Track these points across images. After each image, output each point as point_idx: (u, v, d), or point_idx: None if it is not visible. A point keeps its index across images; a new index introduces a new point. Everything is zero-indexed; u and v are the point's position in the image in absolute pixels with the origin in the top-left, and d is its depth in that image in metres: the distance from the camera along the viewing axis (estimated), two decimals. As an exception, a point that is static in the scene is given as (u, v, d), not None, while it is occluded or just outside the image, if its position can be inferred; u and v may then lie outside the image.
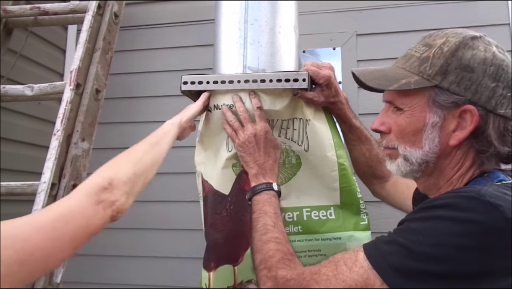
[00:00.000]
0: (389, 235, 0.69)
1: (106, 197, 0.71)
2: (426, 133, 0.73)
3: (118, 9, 1.61)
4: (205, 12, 1.90)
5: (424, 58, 0.74)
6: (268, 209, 0.92)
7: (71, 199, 0.70)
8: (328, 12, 1.83)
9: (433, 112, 0.72)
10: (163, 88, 1.94)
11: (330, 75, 1.02)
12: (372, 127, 0.84)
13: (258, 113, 1.01)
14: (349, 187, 1.09)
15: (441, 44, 0.73)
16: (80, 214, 0.67)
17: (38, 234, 0.61)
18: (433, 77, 0.72)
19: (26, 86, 1.43)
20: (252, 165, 0.99)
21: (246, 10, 1.09)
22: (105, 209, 0.70)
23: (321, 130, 1.09)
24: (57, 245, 0.63)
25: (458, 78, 0.70)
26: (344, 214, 1.10)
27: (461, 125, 0.71)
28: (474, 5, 1.68)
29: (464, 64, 0.70)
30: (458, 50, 0.71)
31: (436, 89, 0.72)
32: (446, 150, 0.73)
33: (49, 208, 0.67)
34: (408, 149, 0.76)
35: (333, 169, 1.08)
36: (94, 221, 0.68)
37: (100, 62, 1.46)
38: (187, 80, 1.08)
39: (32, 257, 0.60)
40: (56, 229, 0.63)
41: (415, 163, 0.75)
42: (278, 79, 1.01)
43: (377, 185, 1.17)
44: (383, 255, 0.66)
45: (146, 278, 1.83)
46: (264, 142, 1.00)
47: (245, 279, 1.07)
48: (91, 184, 0.72)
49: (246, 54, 1.07)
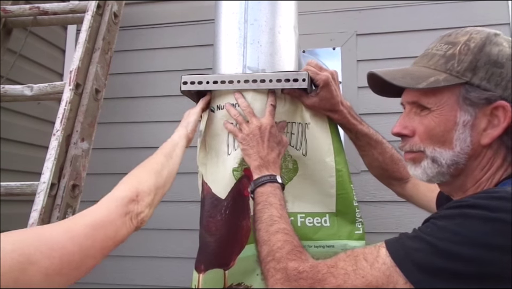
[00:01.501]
0: (413, 232, 0.65)
1: (134, 209, 0.74)
2: (457, 133, 0.70)
3: (117, 9, 1.61)
4: (204, 12, 1.90)
5: (450, 56, 0.71)
6: (273, 200, 0.89)
7: (101, 208, 0.71)
8: (328, 12, 1.83)
9: (464, 110, 0.69)
10: (163, 88, 1.94)
11: (328, 77, 1.01)
12: (393, 131, 0.79)
13: (270, 109, 1.02)
14: (346, 195, 1.07)
15: (466, 41, 0.71)
16: (110, 224, 0.69)
17: (73, 243, 0.62)
18: (463, 74, 0.69)
19: (26, 86, 1.42)
20: (255, 157, 0.98)
21: (245, 10, 1.08)
22: (132, 220, 0.74)
23: (321, 134, 1.08)
24: (90, 254, 0.64)
25: (488, 73, 0.68)
26: (339, 222, 1.09)
27: (492, 123, 0.69)
28: (474, 4, 1.68)
29: (493, 59, 0.68)
30: (485, 46, 0.69)
31: (466, 86, 0.69)
32: (477, 150, 0.70)
33: (81, 216, 0.68)
34: (437, 149, 0.72)
35: (330, 175, 1.07)
36: (121, 231, 0.71)
37: (100, 62, 1.46)
38: (187, 80, 1.08)
39: (68, 266, 0.60)
40: (89, 238, 0.64)
41: (444, 164, 0.72)
42: (278, 79, 1.01)
43: (397, 186, 1.14)
44: (407, 252, 0.62)
45: (146, 278, 1.83)
46: (268, 135, 0.99)
47: (234, 283, 1.06)
48: (121, 196, 0.74)
49: (246, 54, 1.07)
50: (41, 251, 0.57)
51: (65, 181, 1.25)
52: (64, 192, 1.24)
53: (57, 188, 1.24)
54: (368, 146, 1.11)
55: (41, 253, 0.57)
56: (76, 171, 1.29)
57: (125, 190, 0.76)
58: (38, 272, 0.56)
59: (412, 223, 1.72)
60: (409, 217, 1.63)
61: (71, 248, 0.61)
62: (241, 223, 1.05)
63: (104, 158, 1.91)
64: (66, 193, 1.24)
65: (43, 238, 0.60)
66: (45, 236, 0.60)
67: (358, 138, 1.10)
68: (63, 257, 0.60)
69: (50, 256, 0.58)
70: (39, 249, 0.57)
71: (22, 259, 0.55)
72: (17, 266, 0.54)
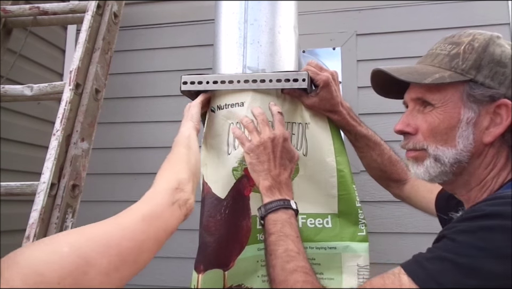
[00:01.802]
0: (430, 252, 0.61)
1: (180, 197, 0.73)
2: (460, 130, 0.70)
3: (117, 9, 1.61)
4: (204, 12, 1.90)
5: (454, 55, 0.72)
6: (288, 232, 0.81)
7: (148, 202, 0.70)
8: (327, 12, 1.83)
9: (467, 108, 0.70)
10: (163, 88, 1.94)
11: (328, 78, 1.01)
12: (395, 128, 0.78)
13: (279, 118, 0.94)
14: (348, 195, 1.07)
15: (470, 41, 0.72)
16: (160, 216, 0.68)
17: (128, 239, 0.61)
18: (468, 71, 0.70)
19: (26, 86, 1.42)
20: (265, 176, 0.89)
21: (245, 10, 1.08)
22: (181, 208, 0.73)
23: (322, 134, 1.07)
24: (145, 248, 0.64)
25: (492, 72, 0.69)
26: (342, 223, 1.08)
27: (495, 121, 0.69)
28: (474, 4, 1.68)
29: (497, 59, 0.70)
30: (489, 46, 0.71)
31: (470, 84, 0.70)
32: (480, 148, 0.70)
33: (130, 211, 0.67)
34: (440, 148, 0.72)
35: (331, 175, 1.06)
36: (172, 221, 0.70)
37: (100, 62, 1.46)
38: (187, 80, 1.08)
39: (126, 263, 0.60)
40: (143, 232, 0.64)
41: (447, 163, 0.71)
42: (277, 79, 1.01)
43: (394, 188, 1.14)
44: (432, 276, 0.57)
45: (145, 277, 1.83)
46: (281, 150, 0.90)
47: (234, 284, 1.06)
48: (164, 187, 0.73)
49: (246, 54, 1.06)
50: (98, 252, 0.57)
51: (65, 181, 1.25)
52: (64, 192, 1.24)
53: (57, 188, 1.24)
54: (367, 147, 1.10)
55: (98, 253, 0.56)
56: (75, 171, 1.29)
57: (166, 182, 0.75)
58: (98, 273, 0.56)
59: (411, 223, 1.73)
60: (409, 217, 1.63)
61: (127, 244, 0.61)
62: (241, 223, 1.05)
63: (104, 158, 1.91)
64: (66, 193, 1.24)
65: (97, 237, 0.59)
66: (98, 235, 0.59)
67: (356, 140, 1.10)
68: (121, 254, 0.59)
69: (108, 254, 0.57)
70: (95, 250, 0.57)
71: (80, 262, 0.54)
72: (77, 269, 0.54)
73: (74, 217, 1.24)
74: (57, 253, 0.54)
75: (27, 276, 0.51)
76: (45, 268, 0.52)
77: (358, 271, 1.06)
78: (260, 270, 1.08)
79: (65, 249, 0.54)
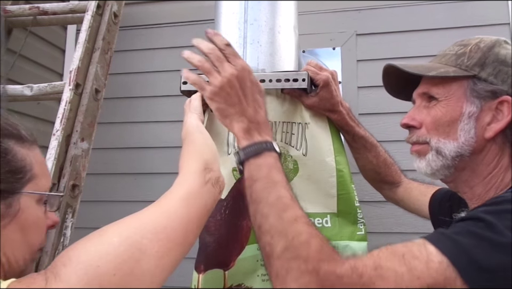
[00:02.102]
0: (457, 227, 0.59)
1: (211, 176, 0.73)
2: (462, 124, 0.72)
3: (117, 9, 1.61)
4: (204, 12, 1.90)
5: (461, 54, 0.75)
6: (277, 177, 0.71)
7: (182, 185, 0.71)
8: (327, 12, 1.83)
9: (470, 102, 0.72)
10: (162, 88, 1.94)
11: (328, 77, 1.01)
12: (401, 122, 0.80)
13: (230, 51, 0.78)
14: (347, 195, 1.07)
15: (477, 42, 0.75)
16: (198, 196, 0.69)
17: (174, 222, 0.62)
18: (472, 68, 0.73)
19: (26, 86, 1.43)
20: (239, 118, 0.76)
21: (245, 10, 1.08)
22: (214, 186, 0.73)
23: (321, 134, 1.08)
24: (189, 229, 0.65)
25: (495, 70, 0.72)
26: (341, 222, 1.08)
27: (497, 118, 0.71)
28: (474, 4, 1.68)
29: (501, 59, 0.72)
30: (494, 47, 0.74)
31: (474, 79, 0.72)
32: (481, 143, 0.72)
33: (169, 195, 0.68)
34: (442, 140, 0.73)
35: (331, 175, 1.07)
36: (209, 200, 0.71)
37: (99, 62, 1.46)
38: (186, 80, 1.08)
39: (175, 246, 0.61)
40: (185, 214, 0.65)
41: (448, 156, 0.72)
42: (277, 79, 1.01)
43: (387, 190, 1.15)
44: (463, 249, 0.55)
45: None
46: (250, 85, 0.77)
47: (234, 283, 1.06)
48: (193, 170, 0.73)
49: (246, 54, 1.06)
50: (147, 238, 0.57)
51: (65, 181, 1.25)
52: (64, 192, 1.24)
53: (57, 188, 1.24)
54: (363, 149, 1.11)
55: (148, 239, 0.57)
56: (75, 171, 1.29)
57: (194, 164, 0.74)
58: (151, 259, 0.56)
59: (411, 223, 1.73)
60: (409, 217, 1.62)
61: (173, 227, 0.62)
62: (241, 223, 1.05)
63: (104, 158, 1.91)
64: (66, 193, 1.24)
65: (144, 224, 0.60)
66: (145, 222, 0.60)
67: (354, 141, 1.10)
68: (169, 238, 0.60)
69: (157, 239, 0.58)
70: (145, 237, 0.57)
71: (133, 250, 0.55)
72: (130, 258, 0.55)
73: (74, 217, 1.24)
74: (109, 244, 0.55)
75: (82, 270, 0.52)
76: (99, 260, 0.53)
77: None
78: (260, 269, 1.08)
79: (116, 240, 0.55)
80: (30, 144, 0.64)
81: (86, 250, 0.54)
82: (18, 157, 0.60)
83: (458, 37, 0.80)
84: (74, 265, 0.52)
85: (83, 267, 0.52)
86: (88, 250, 0.54)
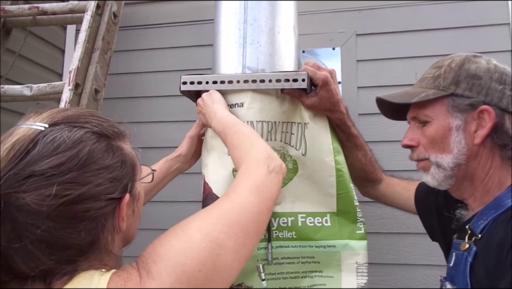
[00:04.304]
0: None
1: (274, 164, 0.76)
2: (453, 137, 0.81)
3: (117, 9, 1.61)
4: (204, 12, 1.90)
5: (437, 76, 0.85)
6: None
7: (248, 176, 0.73)
8: (327, 12, 1.83)
9: (454, 117, 0.81)
10: (162, 88, 1.93)
11: (327, 76, 1.01)
12: (402, 144, 0.91)
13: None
14: (346, 194, 1.08)
15: (449, 63, 0.85)
16: (265, 185, 0.71)
17: (246, 214, 0.65)
18: (448, 87, 0.82)
19: (25, 86, 1.42)
20: None
21: (245, 10, 1.08)
22: (278, 175, 0.76)
23: (321, 133, 1.08)
24: (260, 219, 0.67)
25: (469, 85, 0.81)
26: (340, 221, 1.09)
27: (481, 124, 0.80)
28: (474, 4, 1.68)
29: (472, 73, 0.81)
30: (464, 64, 0.83)
31: (452, 97, 0.82)
32: (473, 150, 0.81)
33: (238, 187, 0.70)
34: (439, 155, 0.83)
35: (330, 175, 1.07)
36: (274, 188, 0.74)
37: (99, 62, 1.46)
38: (186, 80, 1.08)
39: (249, 237, 0.63)
40: (255, 205, 0.67)
41: (447, 168, 0.82)
42: (277, 79, 1.01)
43: (369, 187, 1.20)
44: None
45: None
46: None
47: (234, 283, 1.06)
48: (254, 162, 0.76)
49: (246, 54, 1.06)
50: (224, 232, 0.60)
51: (65, 181, 1.25)
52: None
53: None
54: (355, 147, 1.13)
55: (225, 233, 0.60)
56: (75, 172, 1.29)
57: (254, 155, 0.78)
58: (229, 252, 0.59)
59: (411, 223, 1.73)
60: (408, 218, 1.62)
61: (246, 219, 0.64)
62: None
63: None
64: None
65: (220, 218, 0.62)
66: (221, 217, 0.62)
67: (348, 140, 1.12)
68: (243, 230, 0.62)
69: (233, 233, 0.61)
70: (222, 231, 0.60)
71: (213, 246, 0.58)
72: (211, 253, 0.57)
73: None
74: (192, 241, 0.57)
75: (171, 268, 0.54)
76: (185, 257, 0.55)
77: (357, 269, 1.07)
78: None
79: (198, 236, 0.58)
80: (124, 135, 0.67)
81: (172, 247, 0.56)
82: (128, 154, 0.63)
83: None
84: (165, 262, 0.54)
85: (172, 265, 0.54)
86: (175, 247, 0.56)
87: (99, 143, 0.58)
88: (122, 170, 0.59)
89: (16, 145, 0.53)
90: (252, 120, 1.03)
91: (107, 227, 0.57)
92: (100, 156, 0.56)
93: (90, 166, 0.54)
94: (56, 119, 0.59)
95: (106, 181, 0.56)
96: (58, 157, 0.53)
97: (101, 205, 0.55)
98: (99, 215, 0.55)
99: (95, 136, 0.58)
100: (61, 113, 0.60)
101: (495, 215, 0.76)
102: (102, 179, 0.55)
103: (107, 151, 0.58)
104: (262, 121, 1.04)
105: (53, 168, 0.52)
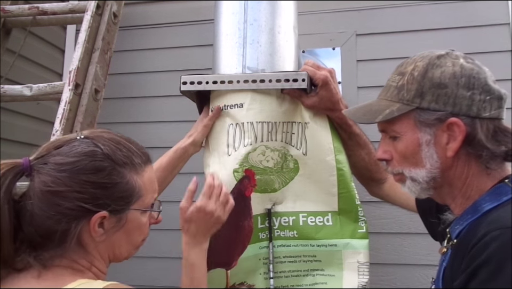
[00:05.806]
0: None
1: None
2: (424, 152, 0.77)
3: (117, 9, 1.61)
4: (204, 12, 1.89)
5: (400, 86, 0.79)
6: None
7: None
8: (327, 12, 1.83)
9: (423, 132, 0.77)
10: (162, 88, 1.93)
11: (326, 75, 1.01)
12: (376, 157, 0.88)
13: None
14: (348, 194, 1.08)
15: (412, 70, 0.78)
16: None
17: None
18: (412, 100, 0.77)
19: (25, 86, 1.42)
20: None
21: (245, 10, 1.08)
22: None
23: (321, 133, 1.08)
24: None
25: (434, 96, 0.75)
26: (342, 220, 1.09)
27: (453, 136, 0.75)
28: (474, 4, 1.68)
29: (437, 82, 0.75)
30: (427, 72, 0.76)
31: (417, 111, 0.76)
32: (447, 162, 0.77)
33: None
34: (412, 170, 0.79)
35: (331, 174, 1.07)
36: None
37: (99, 62, 1.46)
38: (186, 80, 1.08)
39: None
40: None
41: (422, 182, 0.78)
42: (277, 79, 1.01)
43: (374, 186, 1.18)
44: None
45: (146, 278, 1.83)
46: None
47: (237, 282, 1.06)
48: None
49: (246, 54, 1.07)
50: None
51: (65, 181, 1.25)
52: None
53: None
54: (357, 146, 1.13)
55: None
56: (75, 172, 1.29)
57: None
58: None
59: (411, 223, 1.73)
60: (408, 217, 1.63)
61: None
62: (243, 223, 1.05)
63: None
64: (65, 193, 1.24)
65: None
66: None
67: (350, 138, 1.12)
68: None
69: None
70: None
71: None
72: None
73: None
74: None
75: None
76: None
77: (359, 268, 1.07)
78: (261, 267, 1.09)
79: None
80: (142, 167, 0.72)
81: None
82: (129, 184, 0.69)
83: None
84: None
85: None
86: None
87: (101, 162, 0.67)
88: (107, 191, 0.67)
89: (58, 141, 0.71)
90: (252, 121, 1.03)
91: (83, 229, 0.66)
92: (92, 172, 0.66)
93: (80, 175, 0.65)
94: (92, 134, 0.70)
95: (87, 193, 0.65)
96: (64, 158, 0.66)
97: (71, 206, 0.64)
98: (69, 214, 0.64)
99: (102, 156, 0.67)
100: (98, 133, 0.71)
101: (471, 220, 0.74)
102: (83, 189, 0.65)
103: (102, 171, 0.66)
104: (262, 122, 1.04)
105: (57, 165, 0.66)
